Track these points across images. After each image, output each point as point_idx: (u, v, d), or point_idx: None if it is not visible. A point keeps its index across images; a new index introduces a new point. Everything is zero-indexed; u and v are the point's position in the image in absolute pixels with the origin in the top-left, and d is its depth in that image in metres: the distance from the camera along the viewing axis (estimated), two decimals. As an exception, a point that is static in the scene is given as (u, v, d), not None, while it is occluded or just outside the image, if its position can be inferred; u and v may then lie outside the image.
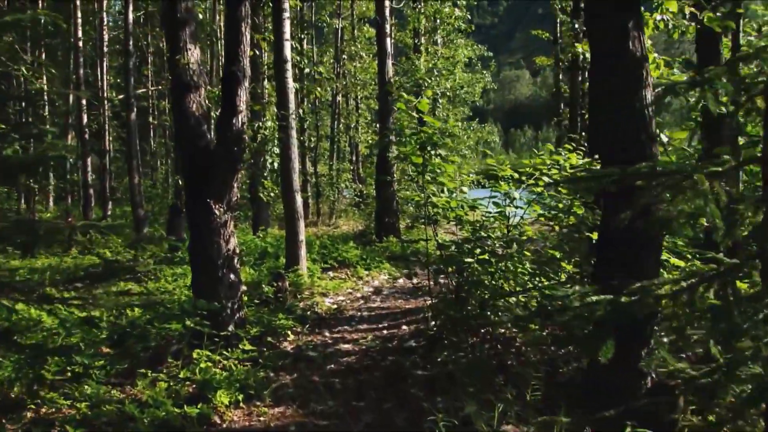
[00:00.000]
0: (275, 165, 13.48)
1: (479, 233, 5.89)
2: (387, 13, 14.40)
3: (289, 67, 9.19)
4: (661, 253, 3.58)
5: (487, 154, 6.54)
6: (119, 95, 20.02)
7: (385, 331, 7.02)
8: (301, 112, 17.99)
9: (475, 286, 5.91)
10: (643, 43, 3.23)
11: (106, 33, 17.98)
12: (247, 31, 5.98)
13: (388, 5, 14.62)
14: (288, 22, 9.21)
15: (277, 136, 10.57)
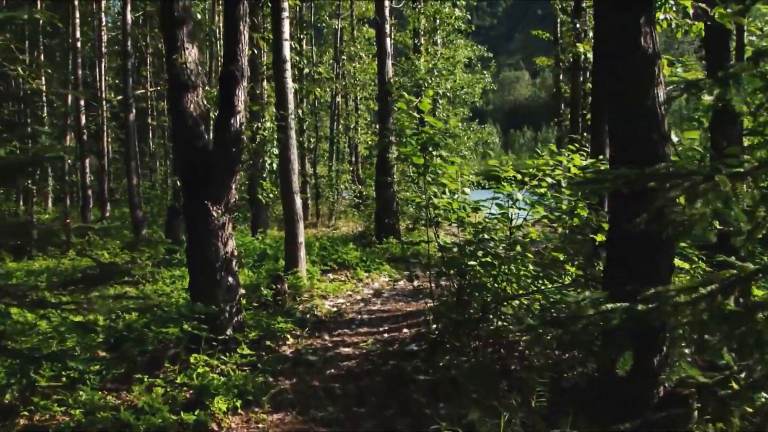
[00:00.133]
0: (274, 166, 13.38)
1: (482, 235, 5.80)
2: (387, 13, 14.32)
3: (288, 67, 9.09)
4: (674, 256, 3.48)
5: (489, 154, 6.45)
6: (118, 96, 19.92)
7: (385, 335, 6.93)
8: (301, 113, 17.90)
9: (477, 289, 5.82)
10: (655, 39, 3.13)
11: (104, 34, 17.87)
12: (245, 31, 5.89)
13: (387, 5, 14.54)
14: (287, 22, 9.11)
15: (276, 136, 10.48)
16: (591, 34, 13.30)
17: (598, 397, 4.21)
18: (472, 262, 5.60)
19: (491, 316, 5.99)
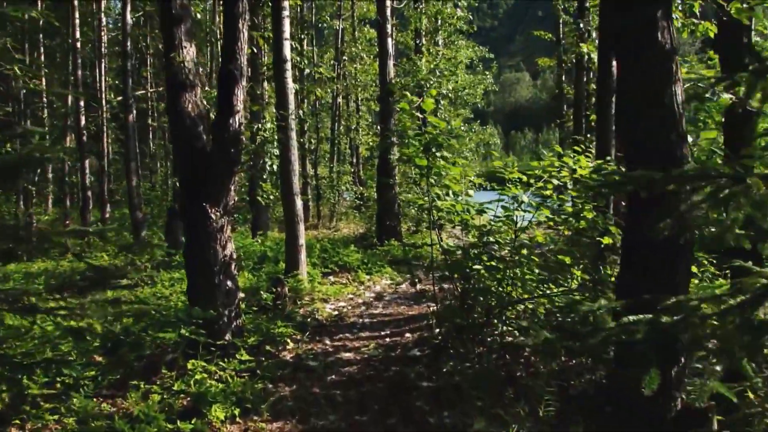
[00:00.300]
0: (275, 167, 13.26)
1: (487, 238, 5.66)
2: (388, 13, 14.20)
3: (289, 67, 8.97)
4: (692, 262, 3.34)
5: (494, 155, 6.32)
6: (118, 97, 19.80)
7: (387, 339, 6.80)
8: (301, 114, 17.78)
9: (481, 293, 5.69)
10: (673, 34, 3.00)
11: (104, 34, 17.76)
12: (244, 29, 5.76)
13: (389, 5, 14.43)
14: (287, 21, 9.00)
15: (277, 137, 10.36)
16: (595, 34, 13.18)
17: (607, 406, 4.08)
18: (477, 266, 5.47)
19: (496, 321, 5.87)
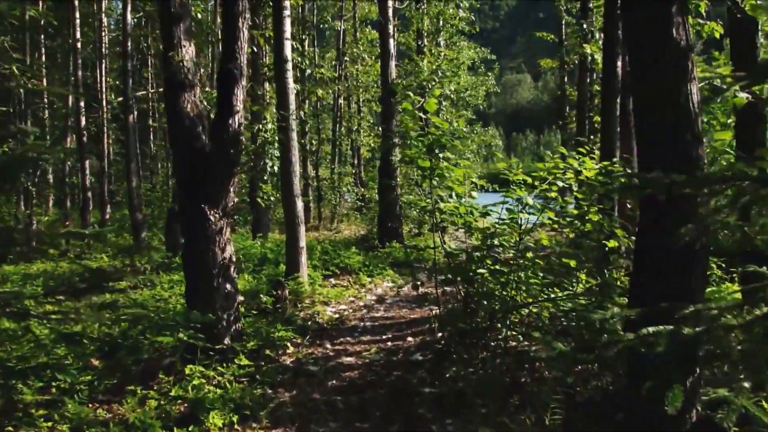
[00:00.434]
0: (275, 168, 13.16)
1: (491, 241, 5.55)
2: (390, 13, 14.12)
3: (290, 67, 8.88)
4: (708, 267, 3.23)
5: (498, 157, 6.21)
6: (119, 98, 19.70)
7: (389, 343, 6.69)
8: (303, 115, 17.68)
9: (485, 297, 5.58)
10: (688, 30, 2.89)
11: (105, 35, 17.68)
12: (245, 28, 5.67)
13: (391, 6, 14.34)
14: (288, 21, 8.90)
15: (277, 138, 10.26)
16: (598, 35, 13.09)
17: (617, 414, 3.98)
18: (481, 270, 5.35)
19: (500, 326, 5.77)
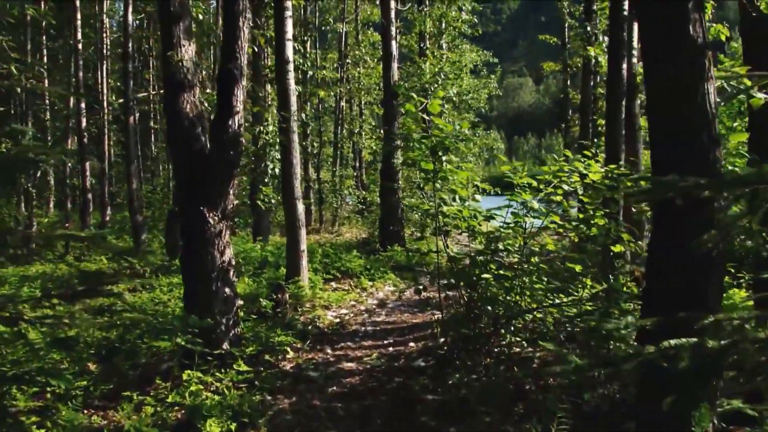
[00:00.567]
0: (276, 170, 13.07)
1: (495, 245, 5.45)
2: (392, 15, 14.04)
3: (291, 69, 8.79)
4: (724, 275, 3.13)
5: (502, 159, 6.12)
6: (120, 99, 19.62)
7: (390, 348, 6.59)
8: (304, 117, 17.59)
9: (489, 303, 5.48)
10: (705, 27, 2.79)
11: (107, 36, 17.61)
12: (245, 27, 5.57)
13: (393, 7, 14.26)
14: (290, 22, 8.82)
15: (279, 140, 10.17)
16: (602, 38, 12.99)
17: (623, 423, 3.87)
18: (486, 275, 5.25)
19: (503, 331, 5.66)
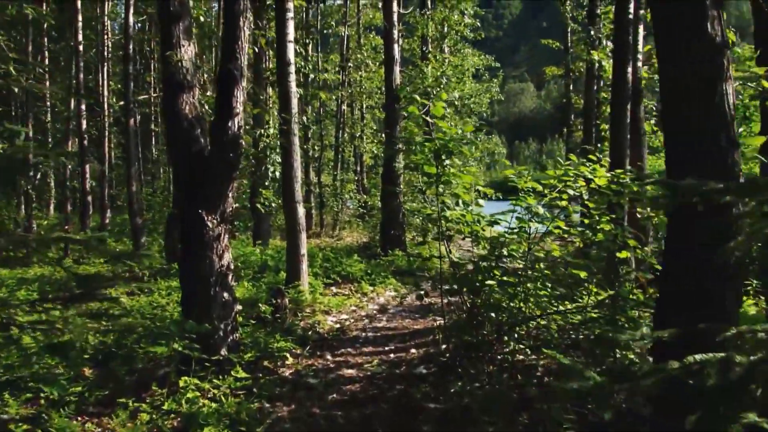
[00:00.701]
0: (277, 174, 12.98)
1: (499, 251, 5.34)
2: (395, 18, 13.97)
3: (293, 70, 8.70)
4: (743, 284, 3.02)
5: (506, 163, 6.02)
6: (120, 101, 19.56)
7: (392, 355, 6.48)
8: (305, 120, 17.50)
9: (492, 309, 5.37)
10: (723, 25, 2.69)
11: (108, 38, 17.56)
12: (245, 27, 5.49)
13: (395, 11, 14.19)
14: (292, 23, 8.74)
15: (279, 142, 10.08)
16: (605, 42, 12.93)
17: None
18: (490, 282, 5.14)
19: (507, 338, 5.56)
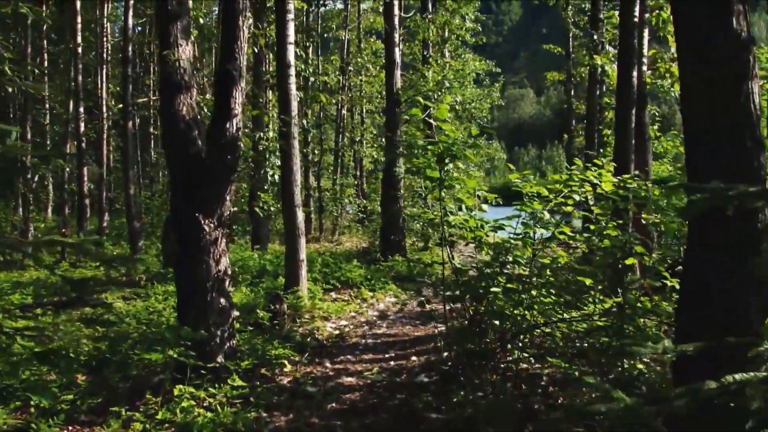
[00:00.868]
0: (276, 177, 12.86)
1: (504, 257, 5.21)
2: (396, 21, 13.88)
3: (293, 72, 8.58)
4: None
5: (510, 168, 5.90)
6: (119, 104, 19.47)
7: (392, 363, 6.34)
8: (305, 123, 17.40)
9: (496, 317, 5.23)
10: (748, 20, 2.58)
11: (107, 40, 17.47)
12: (245, 27, 5.38)
13: (396, 14, 14.11)
14: (292, 25, 8.63)
15: (279, 145, 9.96)
16: (608, 47, 12.84)
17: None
18: (495, 289, 5.01)
19: (511, 347, 5.42)
